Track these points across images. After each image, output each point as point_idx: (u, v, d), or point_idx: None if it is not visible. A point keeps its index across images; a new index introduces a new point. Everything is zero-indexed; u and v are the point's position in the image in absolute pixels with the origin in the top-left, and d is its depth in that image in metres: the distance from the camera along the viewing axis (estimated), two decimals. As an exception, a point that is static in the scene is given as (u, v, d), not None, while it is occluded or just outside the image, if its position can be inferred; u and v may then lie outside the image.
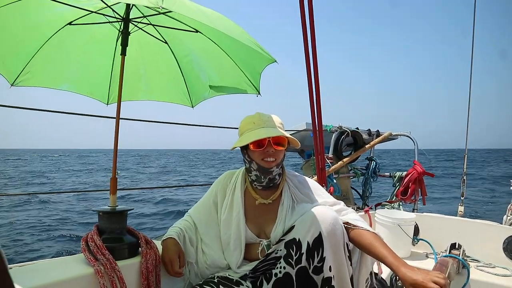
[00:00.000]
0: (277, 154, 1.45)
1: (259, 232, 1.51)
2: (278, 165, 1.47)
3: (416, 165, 3.26)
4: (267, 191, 1.53)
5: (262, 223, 1.51)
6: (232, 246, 1.49)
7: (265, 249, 1.46)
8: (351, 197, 3.82)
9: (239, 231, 1.49)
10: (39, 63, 1.90)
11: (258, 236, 1.50)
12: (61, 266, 1.36)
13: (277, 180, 1.51)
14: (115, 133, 1.68)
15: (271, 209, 1.52)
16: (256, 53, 1.64)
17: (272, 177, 1.48)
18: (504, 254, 2.27)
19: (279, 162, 1.47)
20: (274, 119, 1.49)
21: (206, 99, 2.22)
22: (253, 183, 1.54)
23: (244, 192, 1.57)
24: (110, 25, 1.87)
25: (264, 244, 1.47)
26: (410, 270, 1.16)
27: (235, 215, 1.52)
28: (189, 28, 1.84)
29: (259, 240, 1.49)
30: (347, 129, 3.58)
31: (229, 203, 1.55)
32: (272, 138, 1.43)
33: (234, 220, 1.51)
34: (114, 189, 1.62)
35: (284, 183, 1.55)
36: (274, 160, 1.44)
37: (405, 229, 2.32)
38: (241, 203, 1.53)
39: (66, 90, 2.08)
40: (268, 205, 1.52)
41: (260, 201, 1.52)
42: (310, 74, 2.05)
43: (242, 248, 1.49)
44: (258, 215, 1.52)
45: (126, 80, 1.75)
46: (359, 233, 1.36)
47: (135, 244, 1.53)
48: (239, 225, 1.50)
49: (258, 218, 1.52)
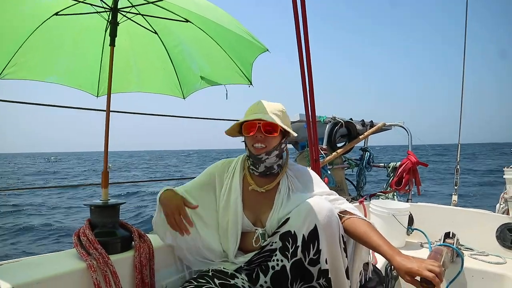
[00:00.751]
0: (267, 141, 1.43)
1: (255, 220, 1.50)
2: (269, 153, 1.44)
3: (410, 155, 3.26)
4: (264, 179, 1.52)
5: (258, 211, 1.50)
6: (229, 232, 1.48)
7: (260, 237, 1.45)
8: (345, 188, 3.82)
9: (237, 217, 1.48)
10: (26, 55, 1.86)
11: (254, 224, 1.49)
12: (53, 261, 1.33)
13: (275, 170, 1.50)
14: (105, 126, 1.65)
15: (268, 197, 1.50)
16: (248, 42, 1.62)
17: (269, 166, 1.47)
18: (497, 242, 2.29)
19: (270, 150, 1.44)
20: (273, 107, 1.46)
21: (197, 90, 2.19)
22: (250, 169, 1.53)
23: (243, 179, 1.55)
24: (98, 15, 1.83)
25: (259, 233, 1.46)
26: (405, 259, 1.15)
27: (233, 200, 1.50)
28: (179, 17, 1.80)
29: (255, 228, 1.48)
30: (340, 120, 3.56)
31: (228, 189, 1.53)
32: (263, 124, 1.41)
33: (232, 206, 1.49)
34: (106, 183, 1.60)
35: (283, 174, 1.54)
36: (264, 147, 1.43)
37: (399, 219, 2.33)
38: (239, 189, 1.51)
39: (55, 82, 2.04)
40: (266, 193, 1.51)
41: (253, 188, 1.51)
42: (303, 64, 2.02)
43: (238, 236, 1.48)
44: (255, 203, 1.51)
45: (116, 71, 1.71)
46: (354, 222, 1.35)
47: (128, 238, 1.50)
48: (237, 211, 1.48)
49: (255, 206, 1.51)
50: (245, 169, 1.57)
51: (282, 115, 1.47)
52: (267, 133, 1.42)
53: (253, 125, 1.42)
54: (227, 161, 1.63)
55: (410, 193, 3.27)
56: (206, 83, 2.09)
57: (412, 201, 3.11)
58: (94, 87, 2.14)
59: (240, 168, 1.56)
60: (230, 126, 1.49)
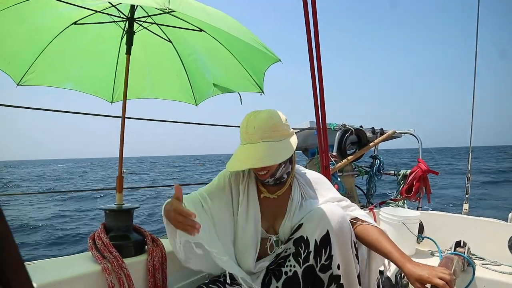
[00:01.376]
0: (268, 168, 1.38)
1: (268, 227, 1.50)
2: (274, 174, 1.41)
3: (420, 163, 3.25)
4: (275, 187, 1.51)
5: (271, 218, 1.50)
6: (250, 243, 1.44)
7: (274, 244, 1.46)
8: (355, 195, 3.82)
9: (257, 229, 1.46)
10: (44, 63, 1.92)
11: (267, 231, 1.50)
12: (68, 264, 1.37)
13: (284, 178, 1.48)
14: (121, 132, 1.69)
15: (280, 204, 1.50)
16: (260, 52, 1.65)
17: (278, 177, 1.44)
18: (510, 251, 2.26)
19: (274, 172, 1.40)
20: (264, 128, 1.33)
21: (210, 97, 2.22)
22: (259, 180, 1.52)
23: (257, 187, 1.54)
24: (114, 24, 1.88)
25: (273, 240, 1.46)
26: (416, 266, 1.15)
27: (252, 213, 1.47)
28: (193, 27, 1.85)
29: (268, 235, 1.49)
30: (351, 127, 3.57)
31: (246, 201, 1.49)
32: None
33: (252, 219, 1.47)
34: (121, 187, 1.63)
35: (293, 179, 1.53)
36: (266, 173, 1.38)
37: (410, 227, 2.32)
38: (257, 201, 1.49)
39: (71, 88, 2.10)
40: (278, 200, 1.50)
41: (265, 195, 1.50)
42: (314, 72, 2.05)
43: (258, 246, 1.45)
44: (268, 210, 1.50)
45: (131, 78, 1.76)
46: (365, 228, 1.36)
47: (142, 241, 1.54)
48: (257, 224, 1.46)
49: (268, 213, 1.50)
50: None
51: (275, 132, 1.34)
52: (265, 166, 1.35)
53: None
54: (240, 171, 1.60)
55: (420, 201, 3.25)
56: (219, 90, 2.12)
57: (422, 209, 3.09)
58: (109, 93, 2.19)
59: (254, 179, 1.53)
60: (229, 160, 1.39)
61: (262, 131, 1.32)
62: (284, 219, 1.46)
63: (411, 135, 3.74)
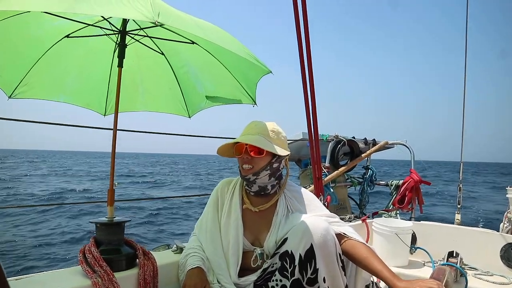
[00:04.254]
0: (254, 162, 1.44)
1: (253, 240, 1.51)
2: (257, 173, 1.45)
3: (412, 173, 3.27)
4: (259, 199, 1.53)
5: (256, 231, 1.51)
6: (231, 252, 1.48)
7: (258, 257, 1.46)
8: (348, 206, 3.82)
9: (238, 237, 1.49)
10: (36, 76, 1.92)
11: (253, 244, 1.50)
12: (58, 278, 1.35)
13: (269, 190, 1.51)
14: (112, 145, 1.68)
15: (264, 217, 1.52)
16: (252, 64, 1.66)
17: (262, 185, 1.48)
18: (502, 262, 2.27)
19: (258, 170, 1.44)
20: (264, 127, 1.49)
21: (202, 109, 2.23)
22: (246, 188, 1.56)
23: (242, 199, 1.57)
24: (107, 37, 1.89)
25: (257, 253, 1.46)
26: (406, 283, 1.18)
27: (233, 220, 1.51)
28: (185, 39, 1.86)
29: (253, 248, 1.49)
30: (343, 138, 3.60)
31: (227, 209, 1.55)
32: (249, 146, 1.43)
33: (232, 226, 1.50)
34: (112, 201, 1.62)
35: (280, 194, 1.55)
36: (251, 168, 1.44)
37: (402, 238, 2.32)
38: (239, 209, 1.53)
39: (63, 101, 2.09)
40: (262, 213, 1.52)
41: (247, 207, 1.53)
42: (305, 84, 2.07)
43: (240, 256, 1.48)
44: (253, 222, 1.52)
45: (123, 91, 1.76)
46: (354, 246, 1.37)
47: (133, 255, 1.52)
48: (238, 231, 1.49)
49: (253, 226, 1.52)
50: (242, 189, 1.59)
51: (273, 135, 1.48)
52: (254, 154, 1.43)
53: (241, 146, 1.45)
54: (227, 180, 1.65)
55: (413, 211, 3.26)
56: (212, 102, 2.13)
57: (415, 219, 3.10)
58: (102, 106, 2.19)
59: (239, 187, 1.59)
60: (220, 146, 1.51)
61: (262, 129, 1.48)
62: (269, 232, 1.47)
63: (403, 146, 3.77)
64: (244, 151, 1.44)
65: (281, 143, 1.49)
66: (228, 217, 1.53)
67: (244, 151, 1.44)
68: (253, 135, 1.45)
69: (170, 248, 1.77)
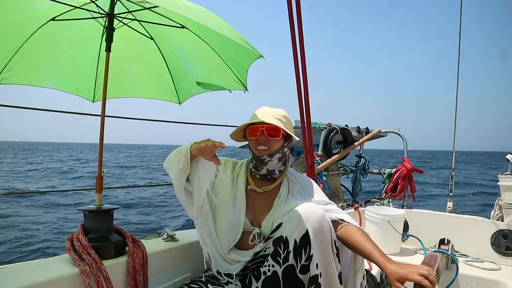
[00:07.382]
0: (270, 144, 1.46)
1: (252, 219, 1.51)
2: (272, 155, 1.47)
3: (405, 161, 3.27)
4: (264, 182, 1.53)
5: (257, 211, 1.51)
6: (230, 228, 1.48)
7: (256, 237, 1.45)
8: (341, 195, 3.82)
9: (240, 216, 1.48)
10: (21, 61, 1.86)
11: (252, 223, 1.50)
12: (45, 266, 1.32)
13: (276, 175, 1.52)
14: (100, 131, 1.65)
15: (267, 199, 1.52)
16: (243, 48, 1.63)
17: (271, 169, 1.49)
18: (492, 248, 2.29)
19: (273, 152, 1.46)
20: (276, 112, 1.50)
21: (193, 95, 2.20)
22: (252, 171, 1.55)
23: (246, 180, 1.57)
24: (94, 21, 1.84)
25: (256, 232, 1.46)
26: (396, 265, 1.17)
27: (238, 198, 1.51)
28: (175, 24, 1.82)
29: (252, 228, 1.48)
30: (336, 127, 3.58)
31: (233, 182, 1.55)
32: (266, 127, 1.44)
33: (236, 205, 1.50)
34: (100, 188, 1.59)
35: (284, 178, 1.56)
36: (266, 149, 1.45)
37: (394, 226, 2.33)
38: (243, 189, 1.53)
39: (51, 87, 2.04)
40: (265, 194, 1.53)
41: (252, 187, 1.53)
42: (298, 71, 2.03)
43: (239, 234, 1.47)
44: (255, 203, 1.52)
45: (112, 77, 1.72)
46: (348, 230, 1.36)
47: (122, 243, 1.50)
48: (240, 211, 1.49)
49: (254, 206, 1.52)
50: (248, 171, 1.59)
51: (285, 120, 1.50)
52: (269, 136, 1.45)
53: (256, 128, 1.46)
54: (234, 161, 1.65)
55: (405, 199, 3.27)
56: (202, 88, 2.10)
57: (407, 207, 3.12)
58: (90, 92, 2.14)
59: (244, 169, 1.59)
60: (234, 130, 1.52)
61: (276, 114, 1.49)
62: (269, 213, 1.46)
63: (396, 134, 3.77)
64: (260, 133, 1.45)
65: (291, 129, 1.52)
66: (233, 191, 1.53)
67: (260, 132, 1.45)
68: (269, 118, 1.46)
69: (161, 236, 1.75)
